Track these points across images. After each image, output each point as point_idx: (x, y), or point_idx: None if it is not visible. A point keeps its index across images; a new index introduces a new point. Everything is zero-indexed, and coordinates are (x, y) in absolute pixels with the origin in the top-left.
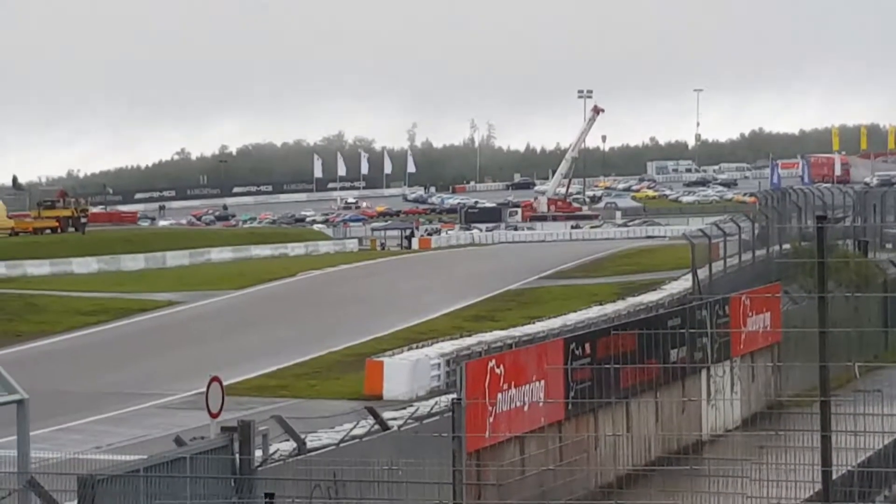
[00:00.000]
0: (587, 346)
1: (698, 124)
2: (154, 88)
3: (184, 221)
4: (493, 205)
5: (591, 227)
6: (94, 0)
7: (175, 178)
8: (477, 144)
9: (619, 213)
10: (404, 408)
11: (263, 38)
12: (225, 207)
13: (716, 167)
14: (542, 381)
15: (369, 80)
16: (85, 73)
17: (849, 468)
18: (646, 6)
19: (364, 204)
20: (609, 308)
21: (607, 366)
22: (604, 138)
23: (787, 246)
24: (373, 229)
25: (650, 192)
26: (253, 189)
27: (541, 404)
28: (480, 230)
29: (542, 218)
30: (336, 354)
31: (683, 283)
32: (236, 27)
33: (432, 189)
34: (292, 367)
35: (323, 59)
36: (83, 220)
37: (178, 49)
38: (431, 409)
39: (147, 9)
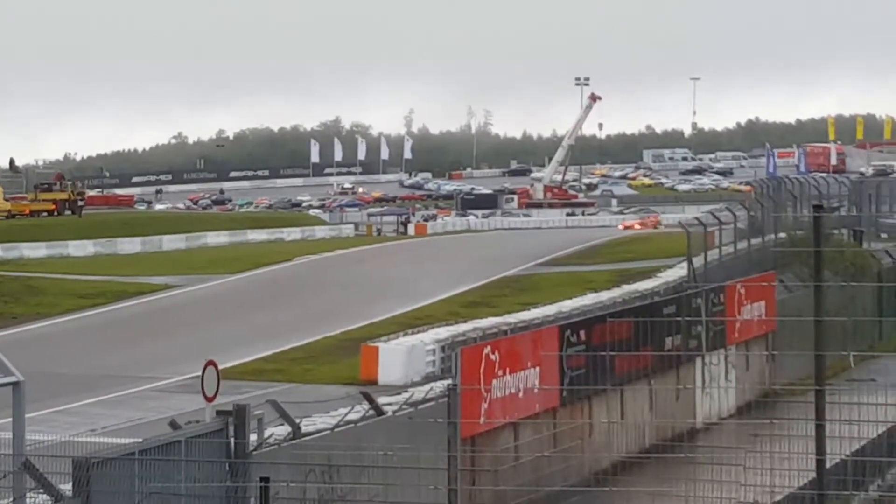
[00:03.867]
0: (582, 333)
1: (695, 113)
2: (152, 74)
3: (181, 205)
4: (490, 191)
5: (587, 215)
6: None
7: (172, 163)
8: (474, 131)
9: (614, 201)
10: (399, 393)
11: (260, 24)
12: (221, 192)
13: (712, 156)
14: (537, 368)
15: (366, 67)
16: (83, 57)
17: (843, 457)
18: None
19: (360, 189)
20: (604, 295)
21: (602, 353)
22: (600, 126)
23: (782, 235)
24: (369, 215)
25: (646, 181)
26: (249, 174)
27: (535, 391)
28: (476, 216)
29: (539, 205)
30: (332, 339)
31: (679, 271)
32: (234, 14)
33: (427, 175)
34: (288, 352)
35: (320, 44)
36: (80, 203)
37: (177, 36)
38: (426, 394)
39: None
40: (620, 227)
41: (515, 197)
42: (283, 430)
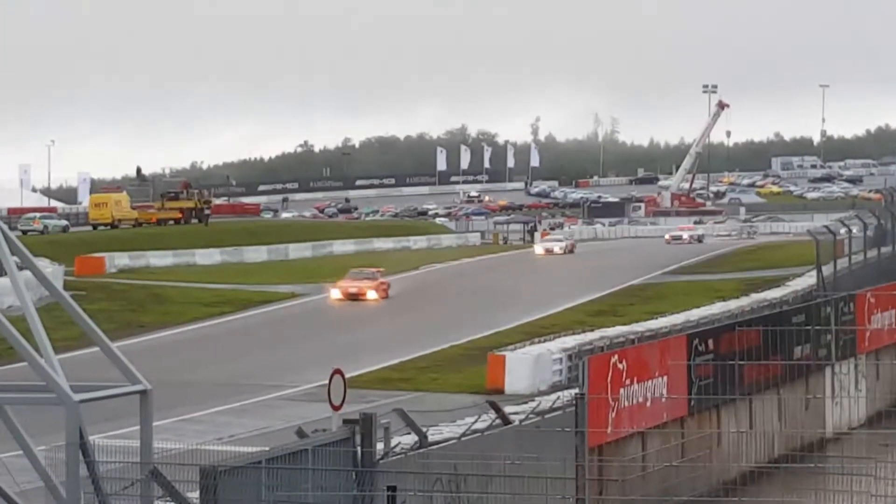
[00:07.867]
0: (710, 342)
1: (824, 120)
2: (279, 83)
3: (307, 214)
4: (616, 199)
5: (715, 223)
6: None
7: (298, 171)
8: (600, 139)
9: (742, 209)
10: (526, 402)
11: (383, 33)
12: (347, 200)
13: (841, 163)
14: (665, 377)
15: (492, 74)
16: (209, 65)
17: None
18: (771, 1)
19: (487, 198)
20: (732, 304)
21: (731, 362)
22: (728, 133)
23: None
24: (495, 223)
25: (774, 188)
26: (376, 182)
27: (663, 400)
28: (603, 225)
29: (666, 213)
30: (458, 348)
31: (808, 280)
32: (357, 24)
33: (553, 183)
34: (414, 360)
35: (444, 53)
36: (206, 211)
37: (305, 45)
38: (553, 403)
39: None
40: None
41: (642, 205)
42: (410, 438)
